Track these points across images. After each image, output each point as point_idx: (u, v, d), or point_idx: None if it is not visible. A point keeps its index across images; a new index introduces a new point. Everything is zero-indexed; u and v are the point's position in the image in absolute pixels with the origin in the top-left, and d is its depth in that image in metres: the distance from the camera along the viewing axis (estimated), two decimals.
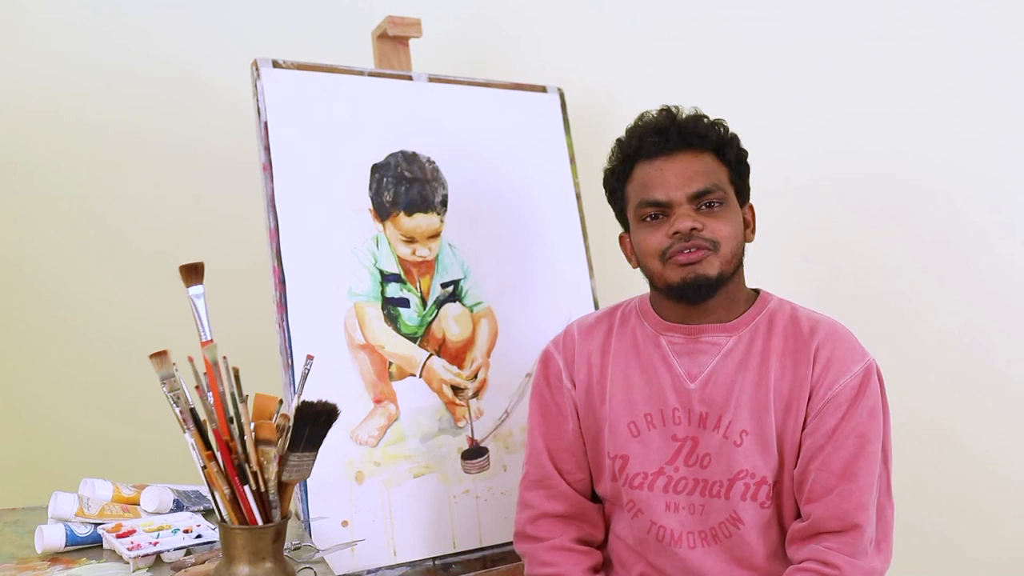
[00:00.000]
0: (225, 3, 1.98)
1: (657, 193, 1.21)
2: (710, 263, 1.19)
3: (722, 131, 1.25)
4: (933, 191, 1.80)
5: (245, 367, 0.98)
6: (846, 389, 1.18)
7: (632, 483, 1.26)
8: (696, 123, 1.24)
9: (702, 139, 1.23)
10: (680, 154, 1.22)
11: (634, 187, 1.26)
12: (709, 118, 1.26)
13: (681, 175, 1.21)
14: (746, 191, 1.28)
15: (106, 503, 1.32)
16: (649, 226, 1.23)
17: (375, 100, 1.59)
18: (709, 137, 1.23)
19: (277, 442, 0.96)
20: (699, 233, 1.19)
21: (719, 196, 1.21)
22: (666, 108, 1.27)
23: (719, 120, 1.26)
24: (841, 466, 1.16)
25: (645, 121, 1.27)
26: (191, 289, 1.02)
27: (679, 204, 1.20)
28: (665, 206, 1.21)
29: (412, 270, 1.57)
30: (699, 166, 1.22)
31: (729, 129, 1.26)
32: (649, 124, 1.26)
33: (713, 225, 1.20)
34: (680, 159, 1.22)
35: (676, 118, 1.25)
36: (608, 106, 1.97)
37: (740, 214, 1.25)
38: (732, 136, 1.26)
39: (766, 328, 1.24)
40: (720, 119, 1.26)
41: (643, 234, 1.24)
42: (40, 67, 1.87)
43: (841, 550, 1.15)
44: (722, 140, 1.24)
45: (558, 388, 1.34)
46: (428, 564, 1.48)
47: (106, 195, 1.91)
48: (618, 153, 1.29)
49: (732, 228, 1.22)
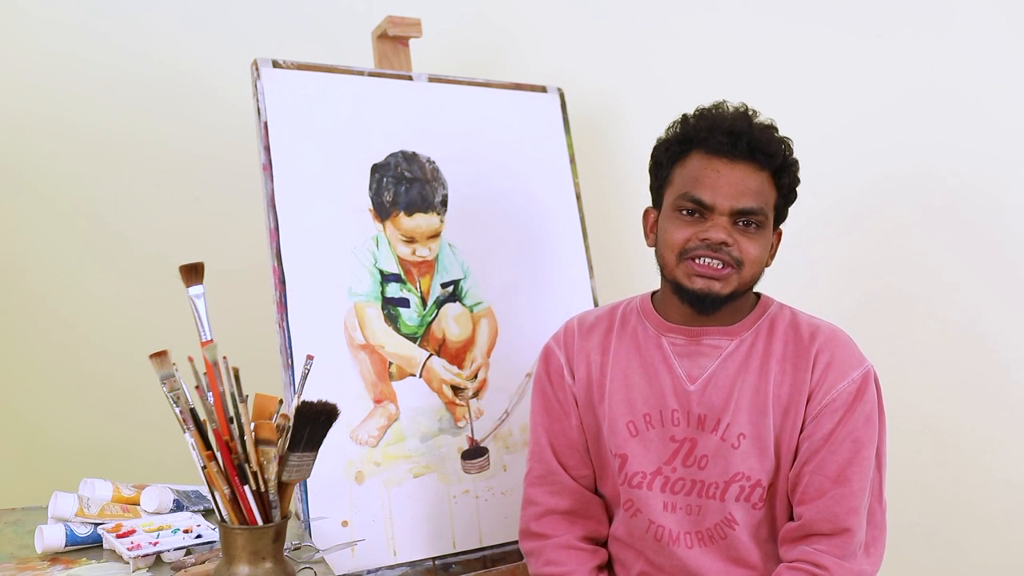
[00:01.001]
0: (225, 3, 1.98)
1: (704, 194, 1.19)
2: (729, 281, 1.19)
3: (787, 153, 1.22)
4: (935, 190, 1.80)
5: (245, 367, 0.98)
6: (843, 394, 1.18)
7: (631, 482, 1.27)
8: (769, 138, 1.20)
9: (769, 157, 1.19)
10: (742, 164, 1.19)
11: (683, 174, 1.22)
12: (778, 132, 1.22)
13: (735, 186, 1.18)
14: (784, 218, 1.27)
15: (106, 503, 1.32)
16: (682, 219, 1.21)
17: (375, 100, 1.59)
18: (776, 157, 1.20)
19: (277, 442, 0.96)
20: (728, 248, 1.18)
21: (760, 219, 1.20)
22: (745, 109, 1.23)
23: (787, 139, 1.23)
24: (835, 470, 1.17)
25: (720, 113, 1.23)
26: (191, 289, 1.02)
27: (721, 213, 1.18)
28: (707, 208, 1.19)
29: (412, 270, 1.57)
30: (754, 183, 1.19)
31: (793, 153, 1.23)
32: (724, 119, 1.21)
33: (744, 245, 1.19)
34: (740, 169, 1.19)
35: (752, 125, 1.21)
36: (608, 106, 1.98)
37: (770, 239, 1.24)
38: (794, 161, 1.23)
39: (767, 332, 1.24)
40: (787, 137, 1.23)
41: (673, 224, 1.22)
42: (40, 67, 1.87)
43: (831, 552, 1.16)
44: (784, 163, 1.21)
45: (560, 383, 1.34)
46: (428, 564, 1.48)
47: (106, 195, 1.91)
48: (679, 131, 1.25)
49: (760, 252, 1.21)
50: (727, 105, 1.24)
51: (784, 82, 1.90)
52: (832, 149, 1.86)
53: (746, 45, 1.93)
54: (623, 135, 1.96)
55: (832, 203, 1.86)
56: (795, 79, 1.89)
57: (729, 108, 1.24)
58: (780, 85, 1.90)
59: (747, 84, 1.89)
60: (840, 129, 1.86)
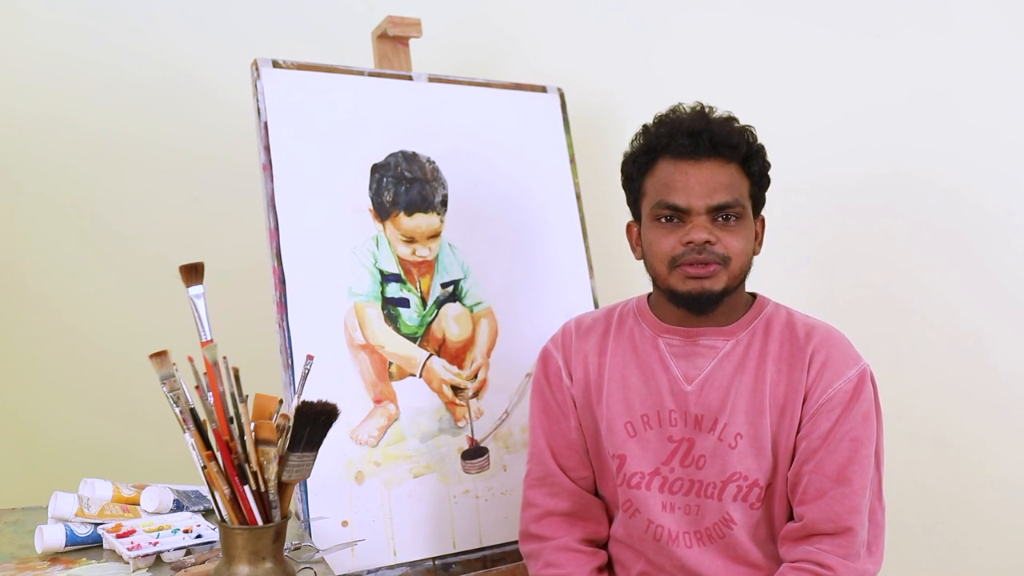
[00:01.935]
0: (225, 3, 1.98)
1: (678, 198, 1.20)
2: (718, 278, 1.19)
3: (751, 140, 1.23)
4: (934, 190, 1.81)
5: (245, 367, 0.98)
6: (840, 393, 1.18)
7: (630, 483, 1.27)
8: (729, 131, 1.21)
9: (732, 149, 1.20)
10: (707, 161, 1.20)
11: (654, 184, 1.24)
12: (739, 122, 1.23)
13: (705, 184, 1.19)
14: (762, 204, 1.27)
15: (106, 503, 1.32)
16: (663, 228, 1.22)
17: (375, 100, 1.59)
18: (739, 147, 1.21)
19: (277, 442, 0.96)
20: (712, 247, 1.18)
21: (737, 211, 1.20)
22: (700, 108, 1.24)
23: (749, 127, 1.23)
24: (835, 470, 1.17)
25: (678, 116, 1.24)
26: (191, 289, 1.02)
27: (698, 213, 1.19)
28: (683, 212, 1.20)
29: (412, 270, 1.57)
30: (724, 177, 1.20)
31: (757, 139, 1.24)
32: (682, 122, 1.22)
33: (727, 240, 1.19)
34: (707, 167, 1.20)
35: (710, 121, 1.22)
36: (608, 106, 1.98)
37: (753, 228, 1.24)
38: (759, 148, 1.24)
39: (763, 332, 1.25)
40: (749, 125, 1.24)
41: (655, 235, 1.23)
42: (40, 67, 1.87)
43: (834, 552, 1.16)
44: (750, 151, 1.22)
45: (558, 385, 1.34)
46: (428, 564, 1.48)
47: (106, 195, 1.91)
48: (642, 142, 1.26)
49: (745, 244, 1.21)
50: (683, 107, 1.25)
51: (784, 82, 1.90)
52: (832, 149, 1.86)
53: (746, 45, 1.93)
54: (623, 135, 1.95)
55: (833, 203, 1.86)
56: (795, 79, 1.89)
57: (686, 109, 1.25)
58: (780, 85, 1.90)
59: (747, 84, 1.90)
60: (840, 129, 1.86)
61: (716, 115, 1.23)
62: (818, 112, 1.87)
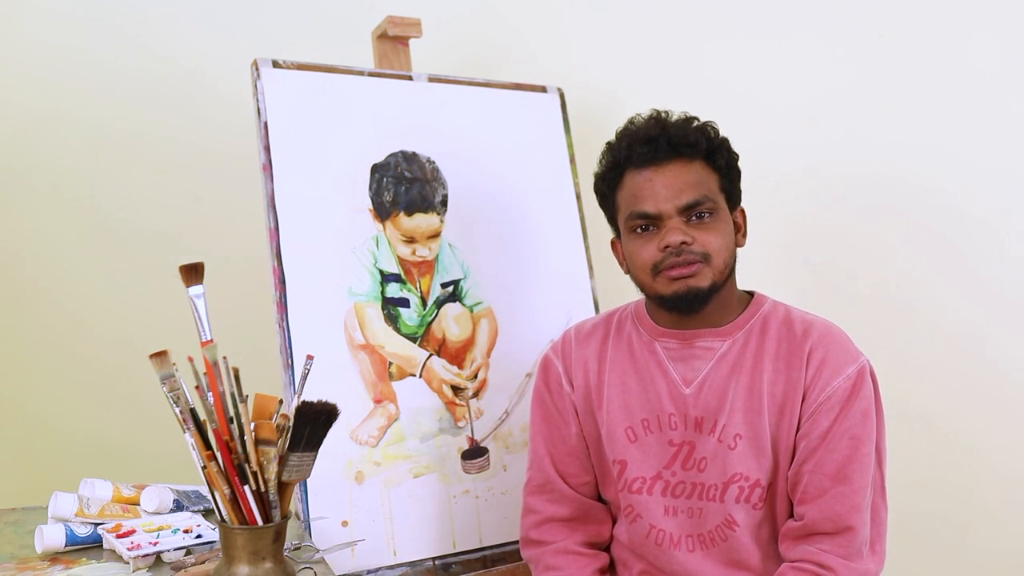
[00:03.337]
0: (225, 3, 1.98)
1: (647, 205, 1.20)
2: (702, 275, 1.19)
3: (712, 135, 1.23)
4: (934, 189, 1.80)
5: (245, 367, 0.98)
6: (839, 391, 1.18)
7: (631, 488, 1.27)
8: (685, 130, 1.21)
9: (692, 148, 1.20)
10: (669, 164, 1.20)
11: (624, 197, 1.24)
12: (699, 121, 1.24)
13: (671, 187, 1.19)
14: (737, 195, 1.27)
15: (106, 503, 1.32)
16: (640, 238, 1.22)
17: (375, 100, 1.59)
18: (699, 145, 1.21)
19: (277, 442, 0.96)
20: (689, 247, 1.18)
21: (709, 207, 1.20)
22: (655, 114, 1.25)
23: (709, 123, 1.24)
24: (835, 468, 1.16)
25: (635, 127, 1.25)
26: (191, 289, 1.02)
27: (669, 216, 1.19)
28: (655, 218, 1.20)
29: (412, 270, 1.57)
30: (689, 176, 1.20)
31: (719, 132, 1.24)
32: (638, 132, 1.23)
33: (704, 238, 1.19)
34: (669, 169, 1.20)
35: (665, 125, 1.22)
36: (608, 106, 1.97)
37: (731, 221, 1.24)
38: (722, 140, 1.24)
39: (760, 331, 1.24)
40: (710, 121, 1.24)
41: (634, 246, 1.23)
42: (41, 65, 1.87)
43: (835, 552, 1.15)
44: (712, 146, 1.22)
45: (559, 393, 1.34)
46: (428, 564, 1.48)
47: (106, 195, 1.91)
48: (608, 159, 1.27)
49: (723, 239, 1.21)
50: (639, 116, 1.26)
51: (784, 82, 1.90)
52: (832, 149, 1.86)
53: (746, 45, 1.93)
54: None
55: (833, 202, 1.86)
56: (795, 79, 1.89)
57: (642, 118, 1.26)
58: (780, 85, 1.90)
59: (747, 84, 1.90)
60: (840, 129, 1.86)
61: (673, 118, 1.24)
62: (818, 112, 1.87)
